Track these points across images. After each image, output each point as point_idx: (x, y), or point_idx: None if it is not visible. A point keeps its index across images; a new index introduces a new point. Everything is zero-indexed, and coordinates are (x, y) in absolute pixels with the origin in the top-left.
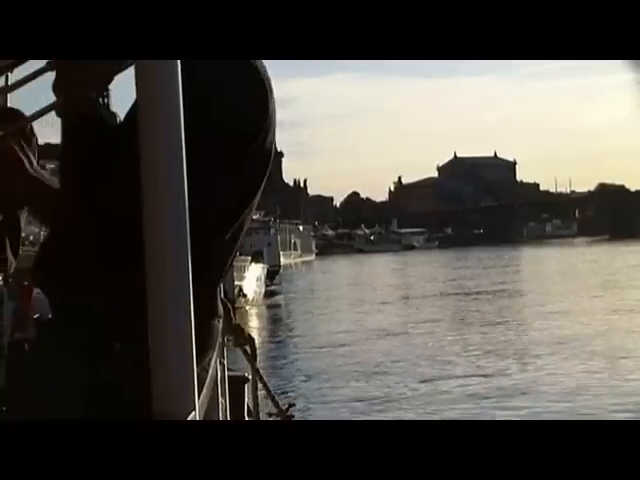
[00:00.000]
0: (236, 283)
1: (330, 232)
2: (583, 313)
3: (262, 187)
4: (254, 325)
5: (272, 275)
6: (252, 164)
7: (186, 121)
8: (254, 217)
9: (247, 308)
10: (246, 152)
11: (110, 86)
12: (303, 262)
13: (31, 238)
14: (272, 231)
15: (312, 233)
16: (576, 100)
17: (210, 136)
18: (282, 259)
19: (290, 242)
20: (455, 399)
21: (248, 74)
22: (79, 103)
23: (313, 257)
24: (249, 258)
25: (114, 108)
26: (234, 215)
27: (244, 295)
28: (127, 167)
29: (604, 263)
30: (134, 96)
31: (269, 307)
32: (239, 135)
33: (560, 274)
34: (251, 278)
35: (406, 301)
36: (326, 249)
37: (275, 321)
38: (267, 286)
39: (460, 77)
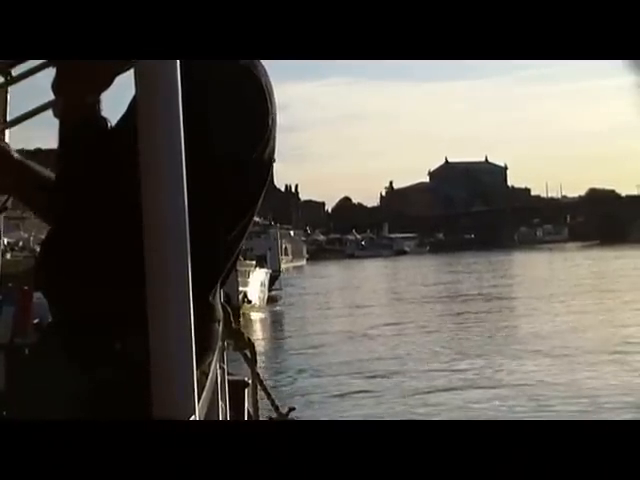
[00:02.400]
0: (241, 289)
1: (321, 237)
2: (546, 315)
3: (263, 195)
4: (257, 328)
5: (272, 280)
6: (252, 173)
7: (187, 128)
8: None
9: (251, 314)
10: (247, 162)
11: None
12: (294, 267)
13: (20, 244)
14: (273, 235)
15: (303, 238)
16: (567, 105)
17: (210, 145)
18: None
19: (281, 247)
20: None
21: (249, 83)
22: (79, 106)
23: (304, 262)
24: (254, 262)
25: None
26: (234, 221)
27: (249, 301)
28: (126, 170)
29: (586, 268)
30: (124, 101)
31: (270, 312)
32: (240, 146)
33: (542, 279)
34: (255, 283)
35: (389, 305)
36: (317, 254)
37: (273, 325)
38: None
39: (455, 82)
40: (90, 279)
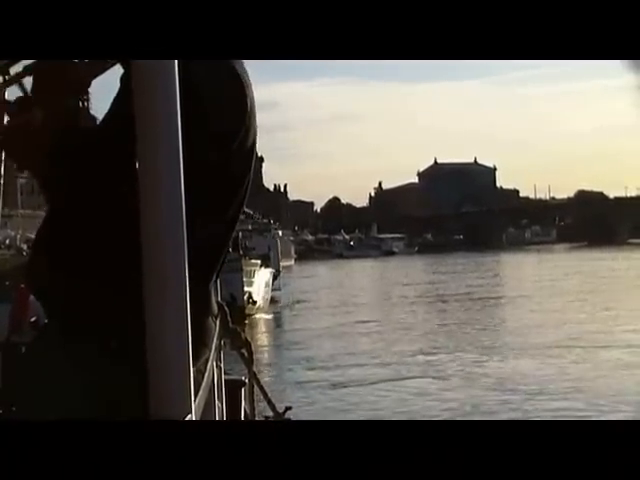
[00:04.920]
0: (245, 289)
1: (310, 237)
2: (514, 315)
3: (248, 186)
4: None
5: (272, 280)
6: (234, 164)
7: None
8: (255, 219)
9: (256, 316)
10: (227, 152)
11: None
12: (283, 267)
13: (7, 242)
14: (273, 234)
15: (291, 238)
16: (556, 106)
17: (189, 136)
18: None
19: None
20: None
21: (225, 74)
22: (59, 111)
23: (292, 262)
24: (259, 262)
25: (94, 111)
26: (219, 213)
27: (254, 302)
28: (116, 168)
29: (566, 270)
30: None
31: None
32: (218, 135)
33: (522, 280)
34: (260, 283)
35: (371, 304)
36: (305, 254)
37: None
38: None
39: (444, 82)
40: (84, 278)
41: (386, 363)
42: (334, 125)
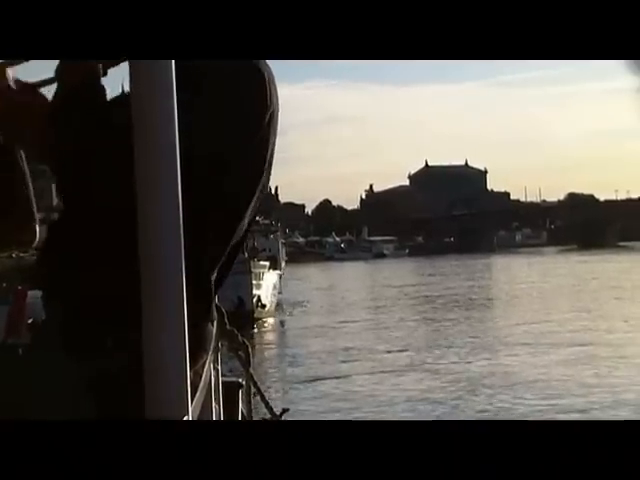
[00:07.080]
0: (255, 292)
1: (301, 239)
2: (486, 314)
3: (260, 190)
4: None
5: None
6: (252, 163)
7: (185, 118)
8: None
9: (266, 320)
10: (246, 149)
11: None
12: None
13: None
14: (275, 236)
15: (282, 240)
16: (547, 109)
17: (210, 135)
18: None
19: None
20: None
21: (248, 71)
22: (82, 70)
23: (283, 264)
24: (267, 264)
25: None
26: (235, 216)
27: (263, 306)
28: (117, 149)
29: (550, 273)
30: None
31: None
32: (240, 132)
33: (505, 283)
34: (269, 286)
35: (357, 306)
36: (296, 256)
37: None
38: None
39: (436, 85)
40: (90, 275)
41: (365, 359)
42: (325, 127)
